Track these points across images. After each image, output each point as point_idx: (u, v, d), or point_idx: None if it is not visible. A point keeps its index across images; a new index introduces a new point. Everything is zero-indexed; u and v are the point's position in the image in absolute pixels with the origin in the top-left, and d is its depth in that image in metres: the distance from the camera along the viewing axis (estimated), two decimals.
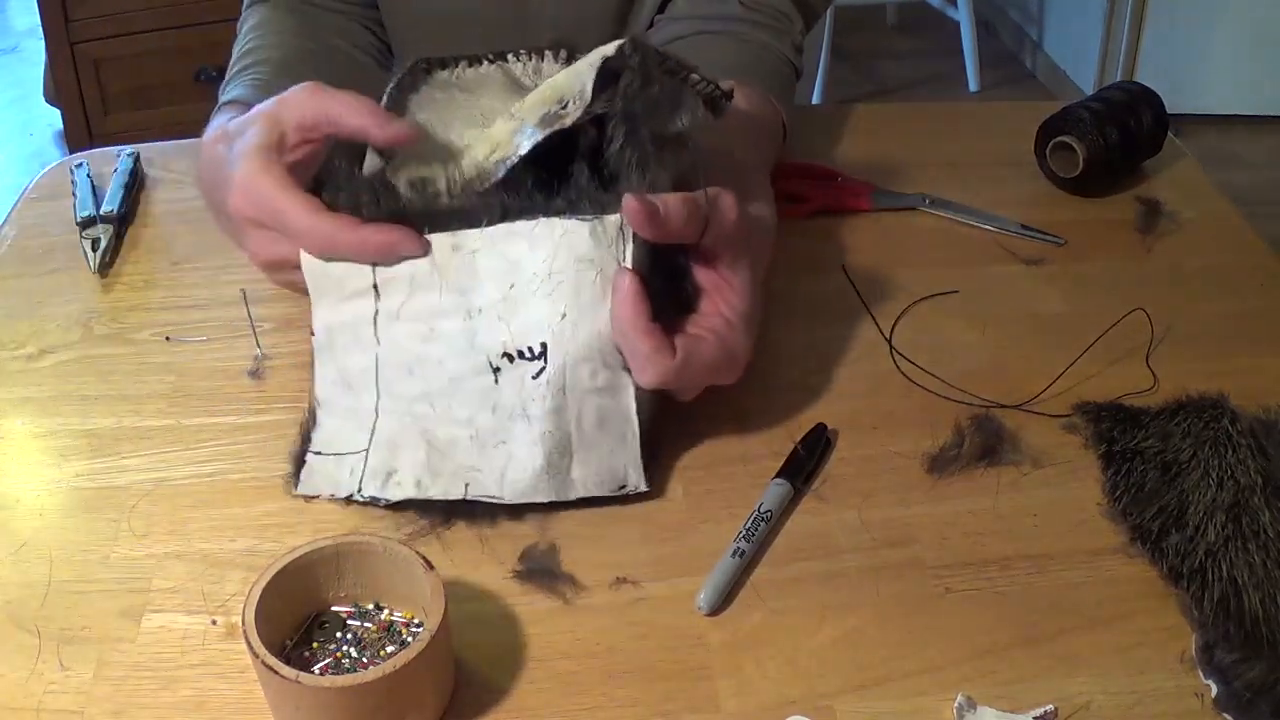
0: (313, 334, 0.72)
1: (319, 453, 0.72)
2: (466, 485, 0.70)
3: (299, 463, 0.72)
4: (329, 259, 0.70)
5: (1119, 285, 0.88)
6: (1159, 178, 1.00)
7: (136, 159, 1.01)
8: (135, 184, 0.99)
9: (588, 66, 0.70)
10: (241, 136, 0.72)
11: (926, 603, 0.65)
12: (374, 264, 0.70)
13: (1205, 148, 2.82)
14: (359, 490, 0.71)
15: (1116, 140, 0.95)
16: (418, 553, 0.60)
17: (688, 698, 0.60)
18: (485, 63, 0.74)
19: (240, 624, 0.56)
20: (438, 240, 0.69)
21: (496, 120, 0.73)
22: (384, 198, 0.69)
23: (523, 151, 0.70)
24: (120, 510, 0.71)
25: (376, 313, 0.70)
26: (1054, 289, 0.88)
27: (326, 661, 0.60)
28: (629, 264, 0.68)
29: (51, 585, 0.66)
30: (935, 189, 0.97)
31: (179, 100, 2.76)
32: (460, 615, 0.62)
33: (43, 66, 2.92)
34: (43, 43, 2.77)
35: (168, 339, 0.84)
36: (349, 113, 0.70)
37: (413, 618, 0.62)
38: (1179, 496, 0.68)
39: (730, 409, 0.77)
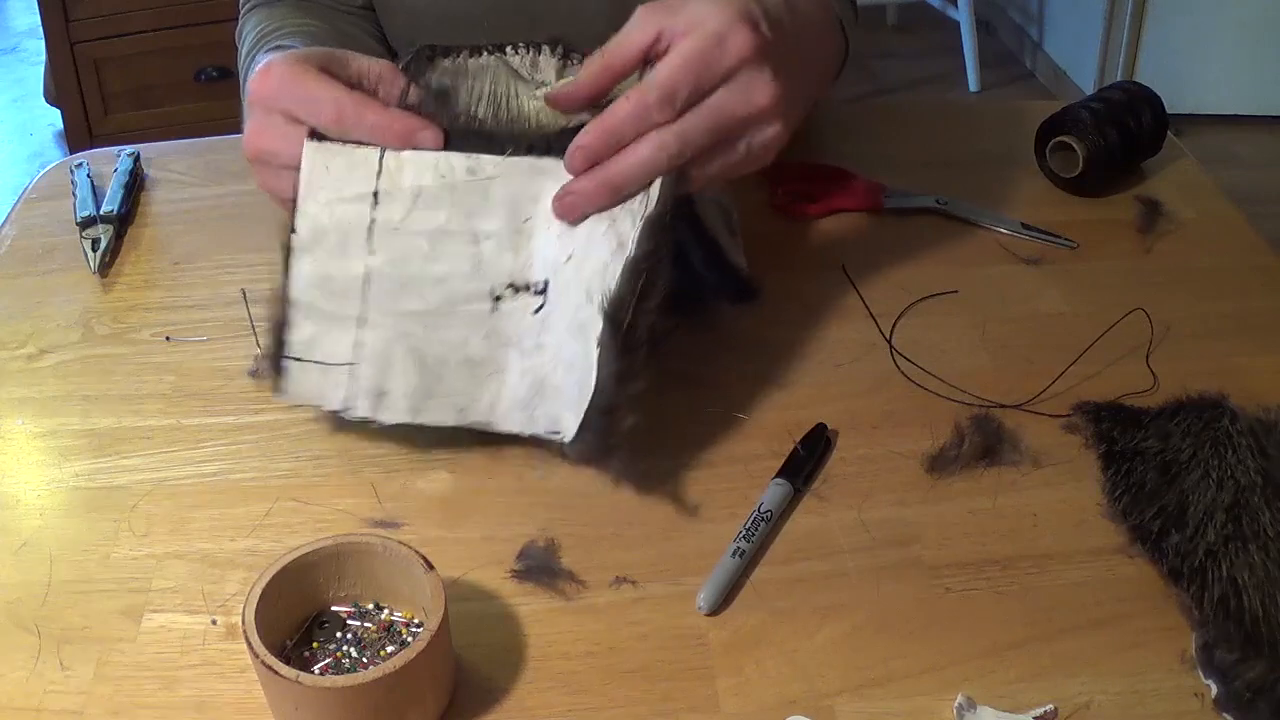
0: (293, 231, 0.71)
1: (299, 359, 0.71)
2: (460, 411, 0.71)
3: (276, 365, 0.71)
4: (340, 138, 0.70)
5: (1119, 285, 0.88)
6: (1159, 178, 1.00)
7: (136, 159, 1.01)
8: (135, 184, 0.99)
9: None
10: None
11: (926, 603, 0.65)
12: (384, 151, 0.70)
13: (1205, 148, 2.82)
14: (349, 407, 0.71)
15: (1116, 140, 0.95)
16: (418, 553, 0.60)
17: (688, 698, 0.60)
18: (485, 53, 0.75)
19: (240, 624, 0.56)
20: (454, 159, 0.69)
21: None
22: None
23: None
24: (120, 510, 0.71)
25: (373, 222, 0.70)
26: (1054, 289, 0.88)
27: (326, 661, 0.60)
28: (643, 221, 0.68)
29: (51, 585, 0.66)
30: (935, 188, 0.97)
31: (179, 100, 2.77)
32: (460, 615, 0.62)
33: (43, 66, 2.93)
34: (43, 43, 2.77)
35: (168, 339, 0.84)
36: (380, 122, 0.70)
37: (413, 618, 0.62)
38: (1179, 496, 0.68)
39: (730, 409, 0.77)
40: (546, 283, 0.70)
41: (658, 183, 0.68)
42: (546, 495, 0.72)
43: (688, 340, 0.82)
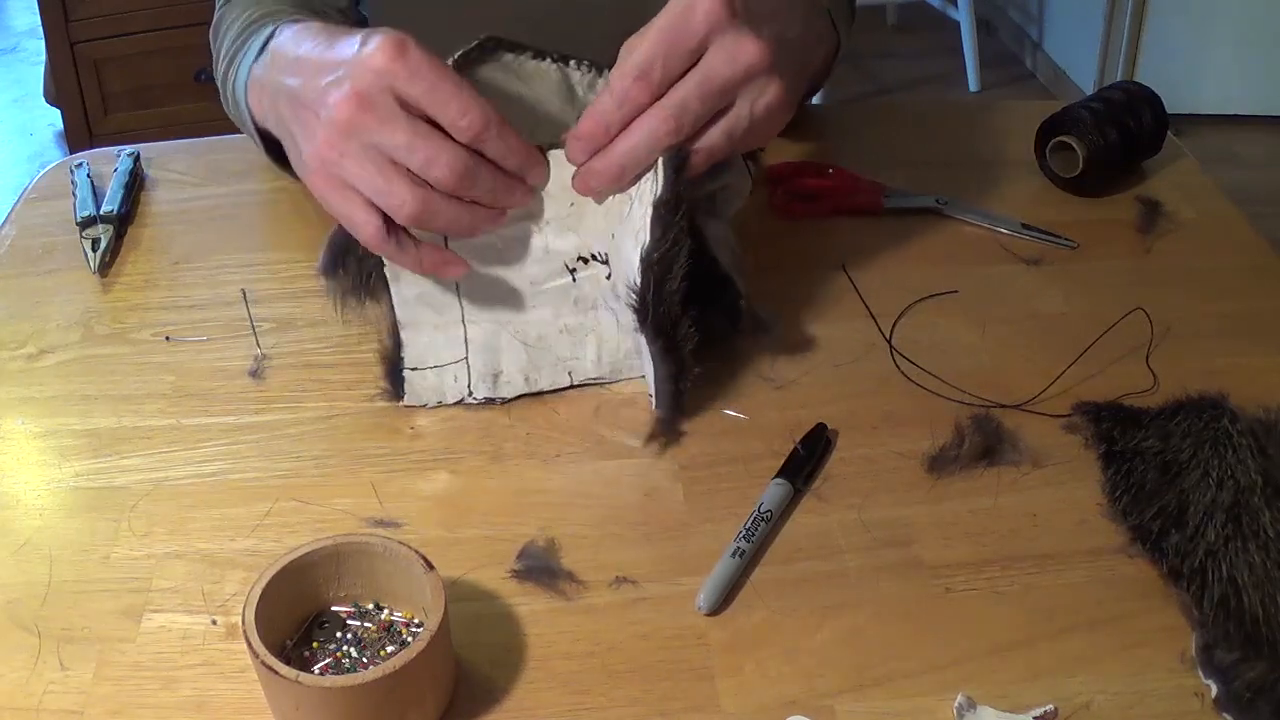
0: (384, 264, 0.74)
1: (415, 369, 0.78)
2: (569, 373, 0.78)
3: (396, 379, 0.78)
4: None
5: (1119, 285, 0.88)
6: (1159, 178, 1.00)
7: (136, 159, 1.01)
8: (135, 184, 0.99)
9: None
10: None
11: (926, 603, 0.65)
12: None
13: (1205, 148, 2.82)
14: (470, 394, 0.78)
15: (1116, 140, 0.95)
16: (418, 553, 0.60)
17: (688, 698, 0.60)
18: (548, 60, 0.75)
19: (240, 624, 0.56)
20: None
21: None
22: None
23: None
24: (120, 510, 0.71)
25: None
26: (1054, 289, 0.88)
27: (326, 661, 0.60)
28: (651, 208, 0.70)
29: (51, 585, 0.66)
30: (935, 189, 0.97)
31: (179, 100, 2.77)
32: (460, 615, 0.62)
33: (43, 66, 2.93)
34: (43, 43, 2.77)
35: (168, 339, 0.84)
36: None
37: (413, 618, 0.62)
38: (1179, 496, 0.68)
39: (730, 408, 0.77)
40: (606, 254, 0.75)
41: (661, 167, 0.70)
42: (546, 495, 0.72)
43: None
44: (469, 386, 0.78)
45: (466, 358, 0.77)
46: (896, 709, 0.60)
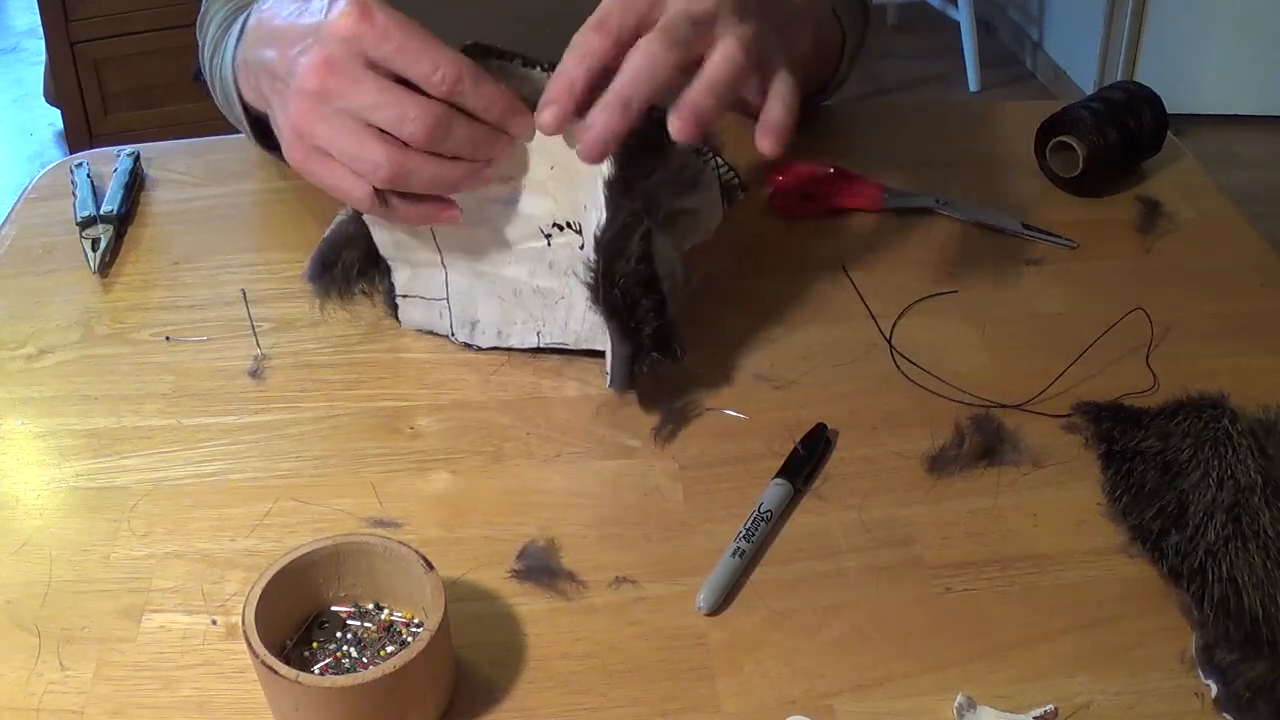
0: (360, 213, 0.77)
1: (406, 295, 0.82)
2: (538, 333, 0.80)
3: (390, 303, 0.83)
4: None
5: (1119, 285, 0.88)
6: (1159, 178, 1.00)
7: (136, 159, 1.01)
8: (135, 184, 0.99)
9: None
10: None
11: (926, 603, 0.65)
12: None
13: (1205, 148, 2.82)
14: (453, 335, 0.81)
15: (1116, 140, 0.95)
16: (418, 552, 0.60)
17: (688, 698, 0.60)
18: (539, 68, 0.75)
19: (240, 624, 0.56)
20: None
21: None
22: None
23: None
24: (120, 510, 0.71)
25: None
26: (1054, 289, 0.88)
27: (326, 661, 0.60)
28: (606, 175, 0.69)
29: (51, 585, 0.66)
30: (935, 188, 0.97)
31: (179, 100, 2.77)
32: (460, 615, 0.62)
33: (43, 66, 2.93)
34: (43, 43, 2.77)
35: (168, 339, 0.84)
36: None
37: (413, 618, 0.62)
38: (1179, 496, 0.68)
39: (730, 408, 0.77)
40: (580, 225, 0.75)
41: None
42: (546, 495, 0.72)
43: (688, 340, 0.82)
44: (451, 328, 0.81)
45: (447, 299, 0.80)
46: (896, 709, 0.60)
